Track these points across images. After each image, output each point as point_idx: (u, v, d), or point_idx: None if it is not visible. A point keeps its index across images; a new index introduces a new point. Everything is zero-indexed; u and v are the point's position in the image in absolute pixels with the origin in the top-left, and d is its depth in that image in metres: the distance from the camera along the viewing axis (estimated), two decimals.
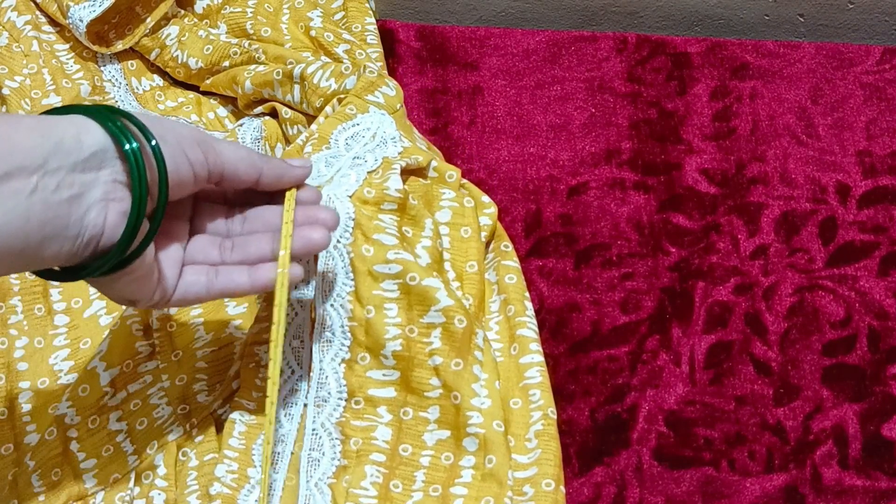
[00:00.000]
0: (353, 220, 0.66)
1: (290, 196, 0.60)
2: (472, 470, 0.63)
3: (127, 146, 0.50)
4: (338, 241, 0.66)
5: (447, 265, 0.69)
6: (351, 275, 0.65)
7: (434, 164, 0.73)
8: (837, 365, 0.71)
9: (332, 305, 0.66)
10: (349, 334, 0.65)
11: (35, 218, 0.48)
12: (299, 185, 0.60)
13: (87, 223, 0.50)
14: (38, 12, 0.86)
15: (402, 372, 0.65)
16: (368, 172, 0.69)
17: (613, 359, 0.72)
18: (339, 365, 0.65)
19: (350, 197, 0.67)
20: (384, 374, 0.65)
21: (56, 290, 0.73)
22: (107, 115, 0.51)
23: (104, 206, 0.50)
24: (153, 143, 0.51)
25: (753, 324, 0.73)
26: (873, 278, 0.74)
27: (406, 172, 0.71)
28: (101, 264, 0.52)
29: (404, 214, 0.68)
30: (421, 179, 0.72)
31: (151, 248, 0.54)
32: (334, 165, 0.70)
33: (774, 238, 0.77)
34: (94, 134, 0.50)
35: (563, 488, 0.64)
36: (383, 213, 0.67)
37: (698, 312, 0.74)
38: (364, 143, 0.71)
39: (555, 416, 0.66)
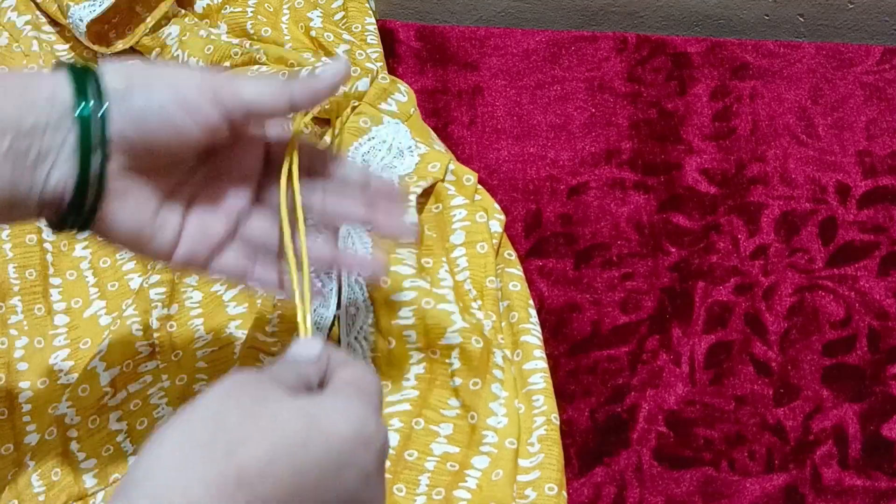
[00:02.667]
0: (371, 253, 0.67)
1: (290, 148, 0.55)
2: (478, 479, 0.63)
3: (76, 111, 0.49)
4: (358, 275, 0.67)
5: (468, 284, 0.70)
6: (371, 307, 0.66)
7: (451, 167, 0.73)
8: (837, 365, 0.71)
9: (355, 338, 0.66)
10: (372, 367, 0.66)
11: (2, 182, 0.48)
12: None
13: (49, 187, 0.49)
14: (38, 12, 0.86)
15: (422, 392, 0.65)
16: None
17: (613, 359, 0.72)
18: None
19: (369, 230, 0.68)
20: (402, 395, 0.66)
21: (56, 290, 0.73)
22: (84, 75, 0.50)
23: (68, 169, 0.49)
24: (104, 106, 0.49)
25: (753, 324, 0.73)
26: (873, 278, 0.74)
27: (425, 193, 0.72)
28: (69, 223, 0.51)
29: (422, 247, 0.69)
30: (433, 208, 0.73)
31: (121, 211, 0.51)
32: None
33: (774, 238, 0.77)
34: (64, 95, 0.49)
35: (565, 493, 0.64)
36: (401, 247, 0.68)
37: (698, 312, 0.74)
38: (381, 158, 0.72)
39: (557, 422, 0.66)
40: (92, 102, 0.49)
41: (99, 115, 0.49)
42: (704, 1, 0.90)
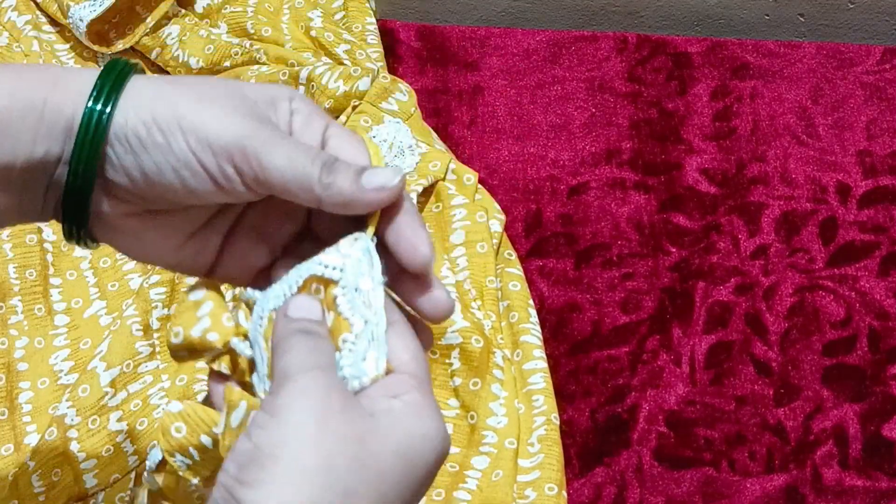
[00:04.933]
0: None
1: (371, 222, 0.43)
2: (478, 480, 0.63)
3: (80, 136, 0.42)
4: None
5: (467, 284, 0.70)
6: None
7: (452, 166, 0.73)
8: (838, 365, 0.71)
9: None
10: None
11: (7, 205, 0.43)
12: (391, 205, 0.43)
13: (59, 214, 0.44)
14: (38, 12, 0.86)
15: None
16: None
17: (614, 359, 0.72)
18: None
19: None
20: None
21: (56, 290, 0.73)
22: (110, 86, 0.42)
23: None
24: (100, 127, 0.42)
25: (754, 324, 0.73)
26: (874, 278, 0.74)
27: (425, 192, 0.72)
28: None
29: None
30: (433, 207, 0.73)
31: (137, 247, 0.45)
32: None
33: (775, 238, 0.77)
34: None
35: (565, 493, 0.64)
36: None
37: (699, 312, 0.74)
38: (382, 157, 0.72)
39: (557, 422, 0.66)
40: (108, 109, 0.42)
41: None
42: (705, 1, 0.90)
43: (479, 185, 0.76)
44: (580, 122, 0.83)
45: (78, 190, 0.43)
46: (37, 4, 0.85)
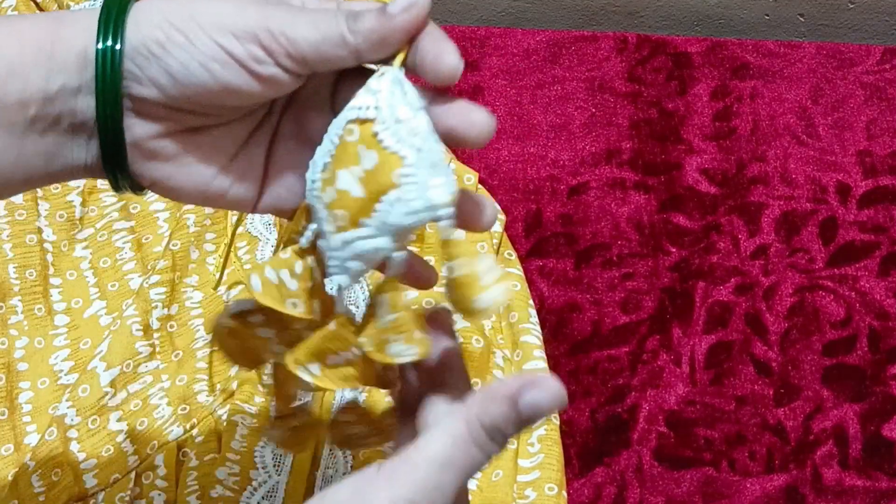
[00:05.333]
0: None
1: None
2: (478, 480, 0.63)
3: (97, 54, 0.41)
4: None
5: None
6: None
7: (452, 166, 0.73)
8: (838, 365, 0.71)
9: None
10: None
11: (33, 150, 0.42)
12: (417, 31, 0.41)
13: (93, 156, 0.43)
14: (38, 12, 0.86)
15: None
16: None
17: (614, 359, 0.72)
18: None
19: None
20: None
21: (56, 290, 0.73)
22: (117, 16, 0.42)
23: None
24: (116, 47, 0.41)
25: (754, 324, 0.73)
26: (874, 278, 0.74)
27: None
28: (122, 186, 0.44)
29: (423, 245, 0.69)
30: None
31: (179, 175, 0.44)
32: None
33: (775, 238, 0.77)
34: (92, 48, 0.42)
35: (565, 493, 0.64)
36: None
37: (699, 312, 0.74)
38: None
39: (557, 422, 0.66)
40: (118, 45, 0.41)
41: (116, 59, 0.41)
42: (705, 1, 0.90)
43: (479, 185, 0.76)
44: (580, 122, 0.83)
45: (109, 117, 0.42)
46: (37, 4, 0.85)
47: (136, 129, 0.42)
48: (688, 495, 0.67)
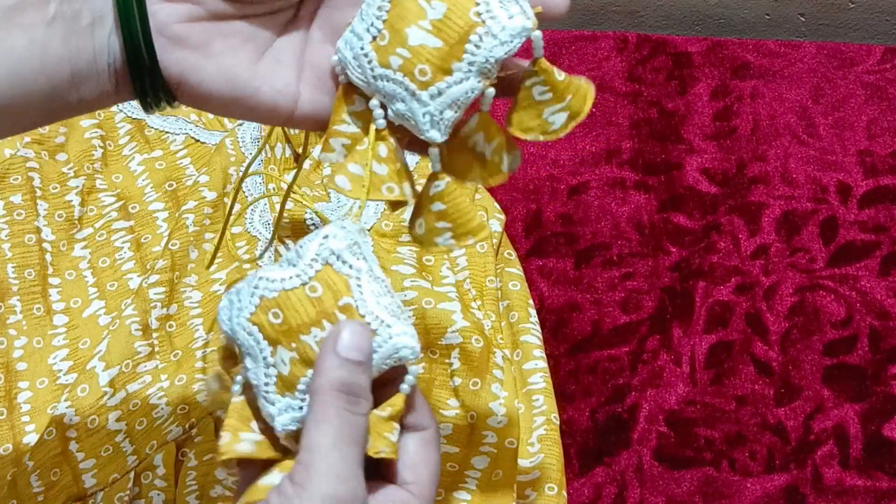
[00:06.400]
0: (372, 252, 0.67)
1: None
2: (478, 480, 0.63)
3: None
4: None
5: (467, 283, 0.70)
6: None
7: None
8: (838, 365, 0.71)
9: None
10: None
11: (55, 53, 0.41)
12: None
13: (115, 52, 0.42)
14: None
15: (421, 392, 0.65)
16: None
17: (614, 359, 0.72)
18: None
19: (368, 230, 0.67)
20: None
21: (55, 290, 0.73)
22: None
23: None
24: None
25: (754, 324, 0.73)
26: (874, 278, 0.74)
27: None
28: (150, 94, 0.43)
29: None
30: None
31: (208, 66, 0.42)
32: None
33: (775, 238, 0.76)
34: None
35: (565, 493, 0.64)
36: (401, 246, 0.68)
37: (699, 312, 0.73)
38: None
39: (557, 422, 0.66)
40: None
41: None
42: (705, 0, 0.90)
43: (480, 187, 0.76)
44: (580, 122, 0.83)
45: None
46: None
47: (161, 13, 0.42)
48: (688, 495, 0.67)
